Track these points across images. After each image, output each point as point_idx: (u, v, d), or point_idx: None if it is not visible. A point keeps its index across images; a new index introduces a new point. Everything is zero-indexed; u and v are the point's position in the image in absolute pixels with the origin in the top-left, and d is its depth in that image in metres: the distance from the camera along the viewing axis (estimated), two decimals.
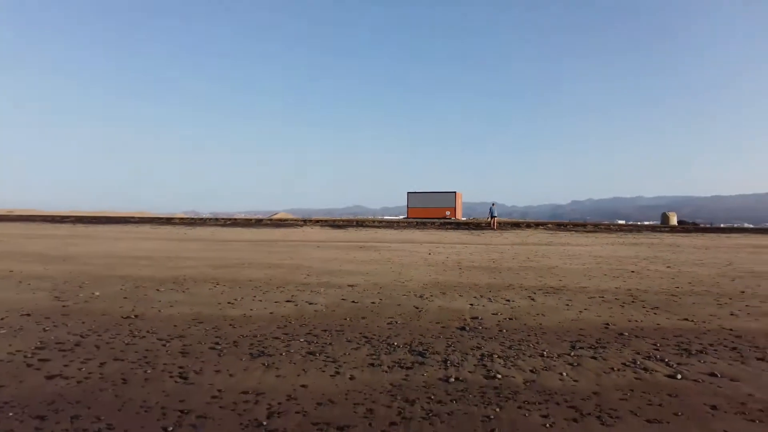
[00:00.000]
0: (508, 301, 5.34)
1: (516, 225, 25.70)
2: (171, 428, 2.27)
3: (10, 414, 2.41)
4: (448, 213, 37.69)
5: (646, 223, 41.52)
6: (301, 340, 3.73)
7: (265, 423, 2.34)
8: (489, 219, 28.05)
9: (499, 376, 3.02)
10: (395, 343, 3.66)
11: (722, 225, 35.59)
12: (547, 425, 2.36)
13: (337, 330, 4.03)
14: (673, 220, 34.21)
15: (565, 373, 3.07)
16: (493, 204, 27.56)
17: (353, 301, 5.19)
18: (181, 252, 10.78)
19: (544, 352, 3.50)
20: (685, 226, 26.96)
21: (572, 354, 3.47)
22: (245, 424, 2.33)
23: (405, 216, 41.72)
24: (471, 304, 5.12)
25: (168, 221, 27.56)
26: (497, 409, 2.53)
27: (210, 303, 5.06)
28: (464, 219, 37.63)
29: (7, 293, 5.41)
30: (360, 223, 26.02)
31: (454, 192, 38.30)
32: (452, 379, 2.94)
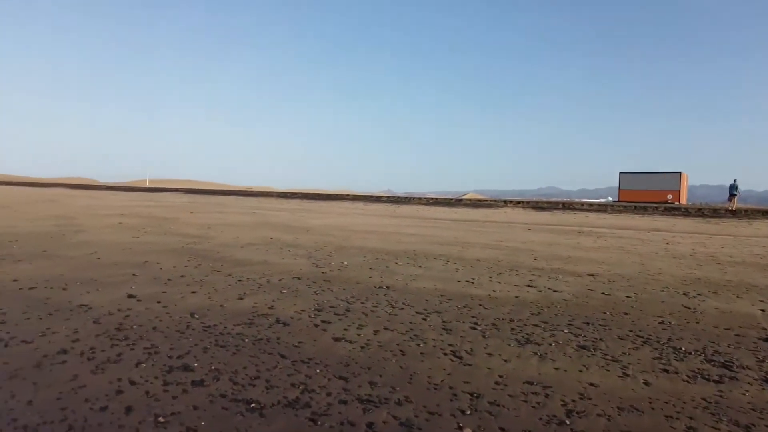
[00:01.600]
0: None
1: None
2: (468, 412, 2.21)
3: (318, 370, 2.64)
4: (670, 197, 32.81)
5: None
6: (565, 331, 3.44)
7: (567, 422, 2.13)
8: (729, 198, 23.93)
9: None
10: (682, 348, 3.12)
11: None
12: None
13: (601, 324, 3.63)
14: None
15: None
16: (734, 180, 23.40)
17: (603, 293, 4.68)
18: (398, 228, 11.40)
19: None
20: None
21: None
22: (545, 420, 2.15)
23: (614, 198, 37.88)
24: (762, 310, 4.18)
25: (377, 199, 29.75)
26: None
27: (449, 279, 5.11)
28: (691, 204, 32.45)
29: (276, 257, 6.27)
30: (567, 206, 24.35)
31: (679, 172, 33.08)
32: None
